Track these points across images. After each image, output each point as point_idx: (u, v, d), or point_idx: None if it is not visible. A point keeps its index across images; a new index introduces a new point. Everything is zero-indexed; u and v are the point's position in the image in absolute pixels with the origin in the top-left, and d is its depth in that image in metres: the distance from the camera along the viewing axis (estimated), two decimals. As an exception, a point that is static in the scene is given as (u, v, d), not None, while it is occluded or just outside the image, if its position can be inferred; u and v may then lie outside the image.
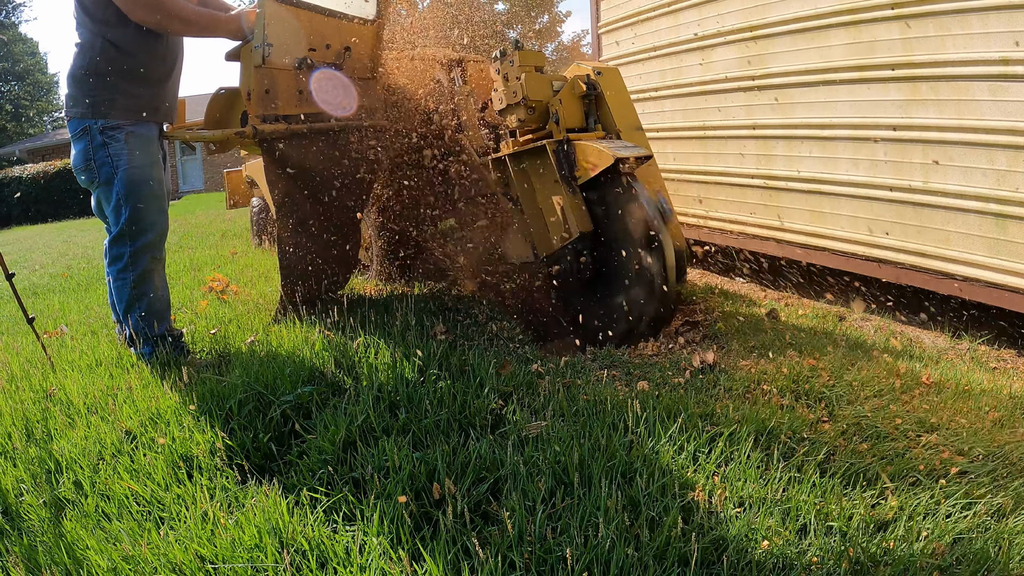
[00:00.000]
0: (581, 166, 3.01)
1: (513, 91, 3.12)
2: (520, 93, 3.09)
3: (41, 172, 18.14)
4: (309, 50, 3.00)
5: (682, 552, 1.44)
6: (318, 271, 3.27)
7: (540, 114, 3.17)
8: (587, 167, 2.99)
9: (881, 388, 2.38)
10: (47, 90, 32.90)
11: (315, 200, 3.14)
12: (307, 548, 1.52)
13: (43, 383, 2.58)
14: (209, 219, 10.75)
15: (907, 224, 3.35)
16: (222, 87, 3.16)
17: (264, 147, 2.85)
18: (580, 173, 3.02)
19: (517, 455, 1.79)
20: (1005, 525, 1.57)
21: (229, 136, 2.86)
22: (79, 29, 2.60)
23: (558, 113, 3.10)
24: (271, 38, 2.75)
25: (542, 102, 3.14)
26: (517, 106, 3.15)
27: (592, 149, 2.97)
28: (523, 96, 3.09)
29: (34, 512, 1.80)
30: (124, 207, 2.64)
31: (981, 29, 2.88)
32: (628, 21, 5.12)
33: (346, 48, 3.18)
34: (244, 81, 2.80)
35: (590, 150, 2.98)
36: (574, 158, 3.03)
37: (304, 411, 2.15)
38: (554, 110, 3.11)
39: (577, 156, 3.02)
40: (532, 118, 3.16)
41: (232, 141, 2.95)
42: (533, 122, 3.18)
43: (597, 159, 2.95)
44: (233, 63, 2.86)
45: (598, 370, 2.60)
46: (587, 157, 2.99)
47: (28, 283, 5.68)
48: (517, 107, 3.15)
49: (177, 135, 2.92)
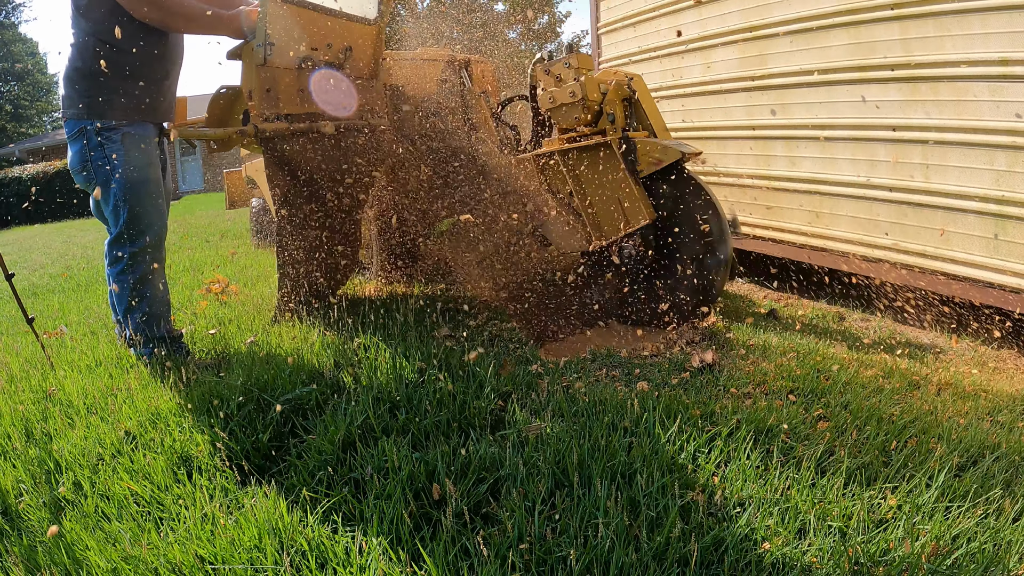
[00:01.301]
0: (643, 161, 3.25)
1: (571, 91, 3.30)
2: (579, 93, 3.27)
3: (41, 172, 18.14)
4: (311, 49, 3.00)
5: (682, 553, 1.43)
6: (317, 271, 3.27)
7: (594, 114, 3.37)
8: (651, 162, 3.23)
9: (881, 388, 2.38)
10: (47, 90, 32.90)
11: (316, 199, 3.14)
12: (307, 548, 1.52)
13: (43, 383, 2.58)
14: (209, 219, 10.75)
15: (906, 224, 3.35)
16: (224, 85, 3.15)
17: (266, 146, 2.84)
18: (642, 167, 3.26)
19: (517, 456, 1.79)
20: (1005, 525, 1.57)
21: (231, 135, 2.86)
22: (73, 28, 2.59)
23: (614, 113, 3.32)
24: (273, 37, 2.74)
25: (596, 102, 3.34)
26: (574, 106, 3.32)
27: (656, 145, 3.23)
28: (582, 96, 3.27)
29: (34, 512, 1.80)
30: (122, 209, 2.62)
31: (981, 30, 2.88)
32: (628, 22, 5.12)
33: (347, 48, 3.18)
34: (246, 80, 2.80)
35: (653, 146, 3.23)
36: (636, 154, 3.26)
37: (303, 412, 2.15)
38: (609, 110, 3.33)
39: (639, 152, 3.25)
40: (586, 118, 3.36)
41: (234, 140, 2.95)
42: (586, 121, 3.38)
43: (663, 155, 3.20)
44: (234, 62, 2.86)
45: (598, 370, 2.60)
46: (650, 153, 3.23)
47: (28, 283, 5.68)
48: (574, 107, 3.33)
49: (179, 132, 2.91)
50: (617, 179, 3.31)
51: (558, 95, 3.35)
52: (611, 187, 3.35)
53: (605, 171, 3.34)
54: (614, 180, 3.32)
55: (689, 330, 3.20)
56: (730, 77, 4.24)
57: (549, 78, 3.43)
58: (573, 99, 3.30)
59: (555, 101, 3.37)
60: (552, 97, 3.37)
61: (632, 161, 3.27)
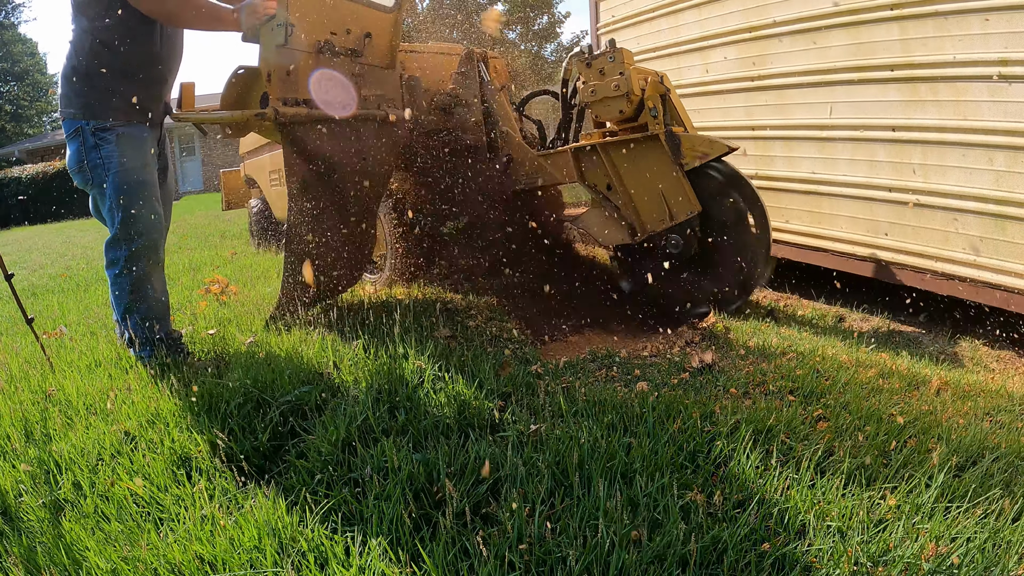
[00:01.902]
0: (687, 155, 3.29)
1: (615, 84, 3.35)
2: (624, 87, 3.33)
3: (40, 172, 18.13)
4: (330, 34, 2.92)
5: (681, 553, 1.43)
6: (329, 265, 3.17)
7: (635, 107, 3.41)
8: (696, 155, 3.27)
9: (880, 388, 2.38)
10: (46, 90, 32.88)
11: (333, 190, 3.05)
12: (306, 549, 1.52)
13: (42, 384, 2.57)
14: (208, 219, 10.75)
15: (905, 224, 3.35)
16: (241, 66, 2.98)
17: (283, 131, 2.76)
18: (687, 161, 3.29)
19: (516, 456, 1.79)
20: (1005, 525, 1.57)
21: (248, 117, 2.76)
22: (72, 26, 2.57)
23: (656, 107, 3.34)
24: (293, 18, 2.66)
25: (639, 96, 3.38)
26: (618, 99, 3.38)
27: (702, 139, 3.29)
28: (627, 90, 3.32)
29: (33, 513, 1.80)
30: (117, 210, 2.59)
31: (981, 30, 2.89)
32: (628, 22, 5.12)
33: (366, 35, 3.12)
34: (264, 61, 2.69)
35: (700, 140, 3.29)
36: (680, 148, 3.30)
37: (303, 412, 2.15)
38: (652, 104, 3.35)
39: (683, 145, 3.30)
40: (630, 111, 3.41)
41: (251, 124, 2.85)
42: (630, 114, 3.42)
43: (709, 148, 3.25)
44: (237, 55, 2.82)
45: (597, 371, 2.60)
46: (696, 146, 3.27)
47: (27, 283, 5.68)
48: (618, 100, 3.38)
49: (192, 117, 2.81)
50: (663, 171, 3.37)
51: (600, 88, 3.40)
52: (656, 180, 3.41)
53: (650, 163, 3.41)
54: (659, 172, 3.38)
55: (688, 330, 3.20)
56: (730, 77, 4.24)
57: (590, 72, 3.47)
58: (618, 92, 3.35)
59: (597, 94, 3.42)
60: (594, 90, 3.42)
61: (677, 154, 3.31)
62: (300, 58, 2.80)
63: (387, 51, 3.33)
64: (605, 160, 3.51)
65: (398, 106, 3.40)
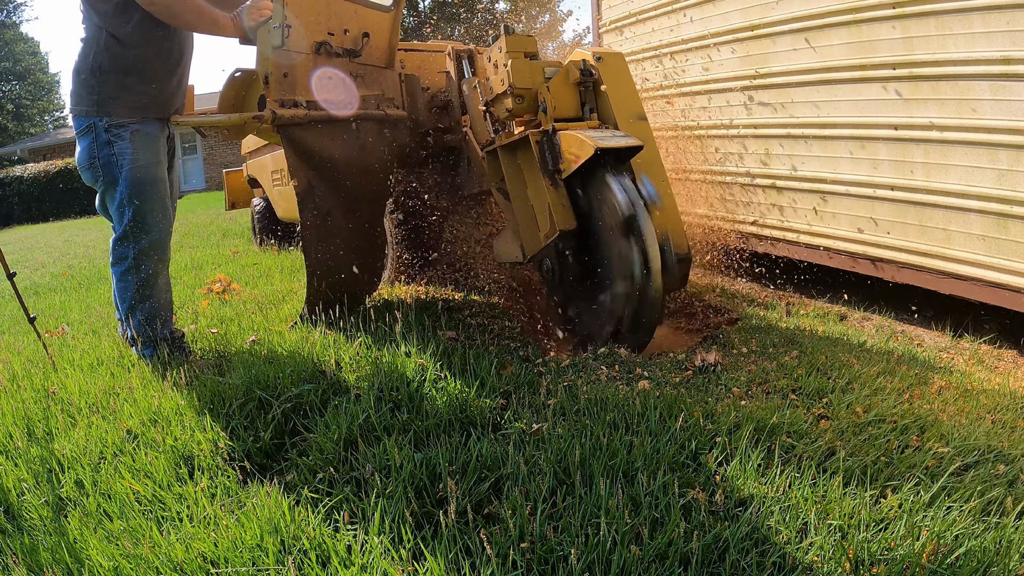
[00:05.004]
0: (565, 158, 2.77)
1: (501, 79, 2.89)
2: (507, 81, 2.84)
3: (42, 171, 18.16)
4: (327, 34, 2.90)
5: (683, 552, 1.44)
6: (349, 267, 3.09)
7: (530, 103, 2.92)
8: (570, 158, 2.75)
9: (881, 387, 2.38)
10: (48, 89, 32.95)
11: (338, 191, 3.02)
12: (308, 547, 1.52)
13: (44, 382, 2.58)
14: (210, 218, 10.76)
15: (907, 224, 3.35)
16: (238, 68, 2.99)
17: (283, 133, 2.76)
18: (564, 166, 2.78)
19: (518, 454, 1.79)
20: (1006, 524, 1.57)
21: (246, 120, 2.75)
22: (84, 23, 2.57)
23: (546, 101, 2.86)
24: (290, 19, 2.66)
25: (531, 90, 2.90)
26: (504, 95, 2.90)
27: (575, 139, 2.72)
28: (509, 84, 2.84)
29: (36, 511, 1.80)
30: (127, 207, 2.61)
31: (983, 28, 2.88)
32: (630, 20, 5.12)
33: (364, 35, 3.10)
34: (261, 64, 2.69)
35: (573, 140, 2.73)
36: (559, 149, 2.78)
37: (305, 410, 2.16)
38: (542, 98, 2.87)
39: (562, 147, 2.78)
40: (521, 107, 2.91)
41: (249, 126, 2.83)
42: (523, 111, 2.94)
43: (579, 150, 2.70)
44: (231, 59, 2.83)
45: (598, 369, 2.60)
46: (570, 148, 2.75)
47: (29, 282, 5.69)
48: (505, 96, 2.90)
49: (191, 121, 2.82)
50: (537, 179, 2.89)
51: (494, 84, 2.94)
52: (535, 189, 2.92)
53: (529, 169, 2.94)
54: (534, 180, 2.92)
55: (690, 330, 3.19)
56: (732, 76, 4.24)
57: (489, 65, 3.00)
58: (502, 87, 2.89)
59: (492, 91, 2.97)
60: (490, 87, 2.98)
61: (555, 158, 2.80)
62: (297, 59, 2.80)
63: (385, 51, 3.33)
64: (504, 165, 3.08)
65: (397, 105, 3.40)
